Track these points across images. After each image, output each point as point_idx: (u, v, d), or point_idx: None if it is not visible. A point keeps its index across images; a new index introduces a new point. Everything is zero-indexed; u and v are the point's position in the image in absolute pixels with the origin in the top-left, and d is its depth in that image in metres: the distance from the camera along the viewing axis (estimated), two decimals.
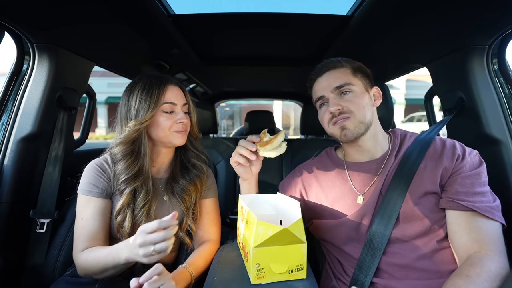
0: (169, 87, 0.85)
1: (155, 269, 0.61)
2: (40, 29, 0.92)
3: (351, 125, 0.79)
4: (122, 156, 0.82)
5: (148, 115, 0.80)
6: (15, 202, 0.96)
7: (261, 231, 0.63)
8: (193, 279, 0.75)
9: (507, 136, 0.98)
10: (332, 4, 1.14)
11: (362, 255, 0.74)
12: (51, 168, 1.05)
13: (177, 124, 0.85)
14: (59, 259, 0.96)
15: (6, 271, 0.93)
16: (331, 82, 0.82)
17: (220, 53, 1.48)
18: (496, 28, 0.91)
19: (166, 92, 0.84)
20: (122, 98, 0.86)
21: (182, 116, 0.86)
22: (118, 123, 0.86)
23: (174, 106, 0.85)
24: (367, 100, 0.81)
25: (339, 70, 0.82)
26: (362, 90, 0.81)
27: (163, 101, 0.83)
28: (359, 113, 0.78)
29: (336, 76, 0.82)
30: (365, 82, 0.83)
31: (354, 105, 0.79)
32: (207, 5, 1.24)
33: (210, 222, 0.94)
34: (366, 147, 0.84)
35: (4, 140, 0.97)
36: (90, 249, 0.76)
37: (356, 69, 0.83)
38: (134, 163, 0.82)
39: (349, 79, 0.81)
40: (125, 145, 0.82)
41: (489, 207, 0.67)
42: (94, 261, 0.73)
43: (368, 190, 0.80)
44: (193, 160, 0.95)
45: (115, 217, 0.80)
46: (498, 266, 0.61)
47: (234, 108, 16.85)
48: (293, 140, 1.78)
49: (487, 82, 1.01)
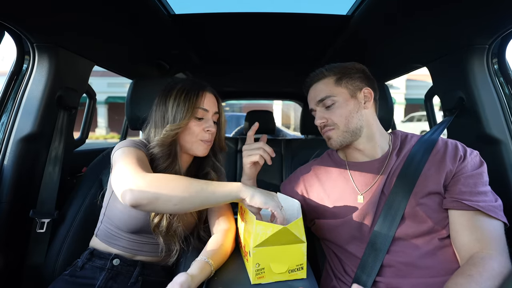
0: (206, 94, 0.85)
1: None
2: (40, 29, 0.92)
3: (334, 135, 0.84)
4: (161, 157, 0.82)
5: (185, 120, 0.80)
6: (15, 201, 0.96)
7: (261, 230, 0.63)
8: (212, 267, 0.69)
9: (507, 136, 0.98)
10: (332, 4, 1.14)
11: (365, 255, 0.74)
12: (51, 168, 1.05)
13: (204, 133, 0.84)
14: (59, 259, 0.96)
15: (6, 271, 0.93)
16: (315, 95, 0.86)
17: (220, 53, 1.48)
18: (496, 28, 0.91)
19: (202, 98, 0.83)
20: (157, 101, 0.86)
21: (210, 125, 0.84)
22: (152, 125, 0.85)
23: (205, 113, 0.84)
24: (351, 107, 0.82)
25: (322, 81, 0.85)
26: (346, 98, 0.82)
27: (198, 106, 0.82)
28: (341, 124, 0.82)
29: (319, 89, 0.85)
30: (352, 87, 0.83)
31: (337, 116, 0.82)
32: (208, 5, 1.24)
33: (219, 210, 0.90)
34: (364, 149, 0.84)
35: (4, 140, 0.97)
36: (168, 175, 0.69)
37: (340, 77, 0.83)
38: (171, 165, 0.82)
39: (330, 91, 0.83)
40: (163, 147, 0.81)
41: (492, 206, 0.68)
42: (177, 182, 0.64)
43: (369, 189, 0.80)
44: (208, 169, 0.92)
45: (152, 219, 0.79)
46: (500, 265, 0.62)
47: (234, 108, 16.85)
48: (293, 140, 1.78)
49: (487, 82, 1.01)
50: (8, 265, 0.93)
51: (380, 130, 0.86)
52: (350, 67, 0.85)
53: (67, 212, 1.02)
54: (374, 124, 0.85)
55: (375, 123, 0.85)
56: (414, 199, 0.73)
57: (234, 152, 1.80)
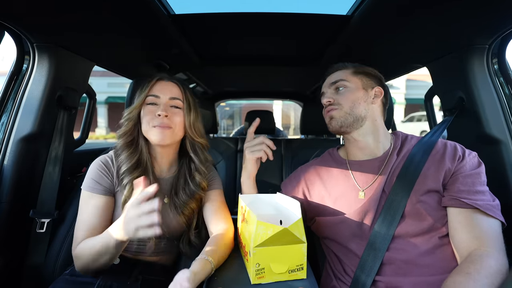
0: (159, 81, 0.87)
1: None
2: (40, 29, 0.92)
3: (337, 115, 0.85)
4: (122, 147, 0.85)
5: (134, 105, 0.84)
6: (15, 201, 0.96)
7: (261, 231, 0.63)
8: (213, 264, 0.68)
9: (507, 136, 0.98)
10: (332, 4, 1.14)
11: (364, 255, 0.75)
12: (51, 168, 1.05)
13: (155, 117, 0.82)
14: (59, 259, 0.96)
15: (6, 271, 0.93)
16: (330, 79, 0.91)
17: (220, 53, 1.48)
18: (496, 28, 0.91)
19: (153, 86, 0.86)
20: None
21: (162, 109, 0.82)
22: None
23: (156, 99, 0.85)
24: (360, 95, 0.85)
25: (341, 70, 0.91)
26: (357, 87, 0.86)
27: (148, 94, 0.85)
28: (346, 105, 0.84)
29: (335, 75, 0.91)
30: (366, 81, 0.87)
31: (344, 98, 0.85)
32: (207, 5, 1.24)
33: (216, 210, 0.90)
34: (365, 143, 0.85)
35: (4, 140, 0.97)
36: (86, 240, 0.76)
37: (358, 70, 0.89)
38: (133, 153, 0.84)
39: (345, 77, 0.88)
40: (124, 137, 0.85)
41: (490, 205, 0.69)
42: (88, 248, 0.73)
43: (370, 186, 0.81)
44: (194, 173, 0.91)
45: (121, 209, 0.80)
46: (498, 263, 0.62)
47: (234, 108, 16.85)
48: (293, 140, 1.78)
49: (487, 82, 1.01)
50: (8, 265, 0.93)
51: (384, 129, 0.88)
52: (370, 70, 0.90)
53: (67, 212, 1.02)
54: (378, 121, 0.87)
55: (379, 121, 0.87)
56: (415, 196, 0.74)
57: (234, 152, 1.80)
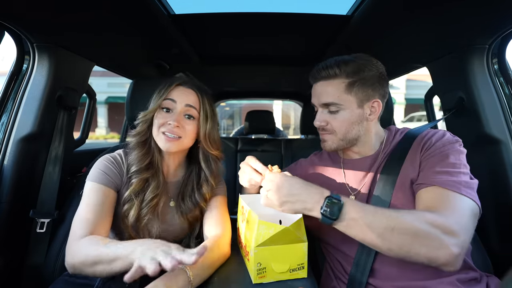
0: (178, 86, 0.85)
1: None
2: (40, 29, 0.92)
3: (330, 140, 0.83)
4: (135, 146, 0.83)
5: (150, 109, 0.83)
6: (15, 201, 0.96)
7: (263, 230, 0.63)
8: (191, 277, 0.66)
9: (507, 136, 0.98)
10: (332, 4, 1.14)
11: (358, 253, 0.75)
12: (51, 168, 1.05)
13: (166, 125, 0.80)
14: (59, 259, 0.95)
15: (6, 271, 0.93)
16: (321, 95, 0.80)
17: (220, 52, 1.48)
18: (496, 28, 0.91)
19: (171, 89, 0.84)
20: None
21: (174, 119, 0.79)
22: None
23: (173, 104, 0.82)
24: (355, 118, 0.78)
25: (333, 82, 0.78)
26: (352, 108, 0.78)
27: (165, 97, 0.82)
28: (340, 132, 0.80)
29: (327, 91, 0.79)
30: (362, 95, 0.77)
31: (338, 123, 0.79)
32: (207, 5, 1.24)
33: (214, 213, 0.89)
34: (358, 148, 0.85)
35: (4, 140, 0.97)
36: (91, 240, 0.69)
37: (352, 82, 0.76)
38: (146, 155, 0.83)
39: (339, 98, 0.77)
40: (138, 136, 0.84)
41: (453, 181, 0.66)
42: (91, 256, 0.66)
43: (362, 187, 0.81)
44: (202, 183, 0.89)
45: (122, 205, 0.79)
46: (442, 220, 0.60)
47: (234, 108, 16.84)
48: (293, 140, 1.78)
49: (487, 82, 1.01)
50: (8, 265, 0.93)
51: (377, 131, 0.85)
52: (367, 67, 0.77)
53: (67, 212, 1.02)
54: (373, 130, 0.84)
55: (373, 129, 0.84)
56: (401, 191, 0.73)
57: (234, 152, 1.80)
